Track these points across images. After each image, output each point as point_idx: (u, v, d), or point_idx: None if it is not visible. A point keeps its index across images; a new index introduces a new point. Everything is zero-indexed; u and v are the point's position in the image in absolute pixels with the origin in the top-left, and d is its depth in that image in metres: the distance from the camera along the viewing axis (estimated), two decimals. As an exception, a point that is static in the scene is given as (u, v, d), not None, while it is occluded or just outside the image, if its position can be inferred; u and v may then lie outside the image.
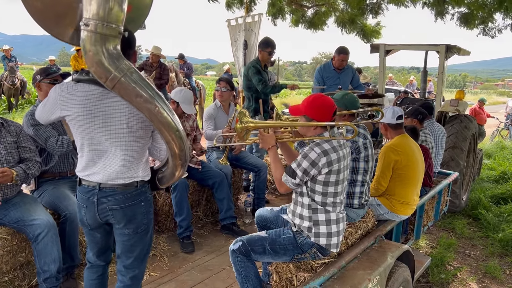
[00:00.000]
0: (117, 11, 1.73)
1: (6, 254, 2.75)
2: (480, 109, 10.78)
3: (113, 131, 2.03)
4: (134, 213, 2.15)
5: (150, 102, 1.86)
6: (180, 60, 11.52)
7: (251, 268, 2.53)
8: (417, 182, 3.34)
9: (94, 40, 1.71)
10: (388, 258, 2.68)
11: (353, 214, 2.93)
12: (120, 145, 2.06)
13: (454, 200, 5.57)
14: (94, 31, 1.70)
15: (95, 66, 1.76)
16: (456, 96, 6.61)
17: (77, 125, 2.05)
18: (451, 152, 5.56)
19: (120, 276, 2.27)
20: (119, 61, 1.79)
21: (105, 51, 1.74)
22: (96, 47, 1.72)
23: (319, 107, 2.36)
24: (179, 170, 2.15)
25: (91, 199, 2.11)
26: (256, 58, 5.21)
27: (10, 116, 11.13)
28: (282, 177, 2.42)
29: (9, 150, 2.78)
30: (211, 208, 4.54)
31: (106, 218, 2.15)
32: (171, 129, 1.95)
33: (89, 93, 2.01)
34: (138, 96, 1.84)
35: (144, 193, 2.19)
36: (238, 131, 2.52)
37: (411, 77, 17.99)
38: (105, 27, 1.71)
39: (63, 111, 2.05)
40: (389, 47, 6.30)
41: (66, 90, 2.03)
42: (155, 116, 1.90)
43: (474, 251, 4.87)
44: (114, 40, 1.77)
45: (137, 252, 2.23)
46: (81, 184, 2.15)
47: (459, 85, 74.59)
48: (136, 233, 2.19)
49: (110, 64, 1.76)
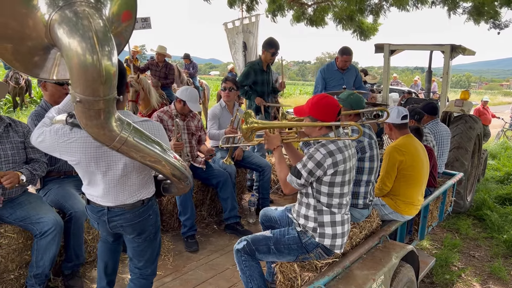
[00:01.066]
0: (109, 82, 1.55)
1: (12, 252, 2.77)
2: (485, 110, 10.73)
3: (117, 172, 2.06)
4: (144, 226, 2.23)
5: (159, 161, 1.93)
6: (186, 60, 11.56)
7: (256, 267, 2.54)
8: (421, 182, 3.33)
9: (88, 116, 1.61)
10: (392, 258, 2.67)
11: (358, 214, 2.93)
12: (125, 180, 2.11)
13: (458, 200, 5.55)
14: (88, 108, 1.57)
15: (95, 136, 1.71)
16: (461, 97, 6.57)
17: (79, 168, 2.09)
18: (455, 152, 5.54)
19: (133, 274, 2.37)
20: (119, 126, 1.72)
21: (103, 121, 1.64)
22: (93, 122, 1.63)
23: (323, 107, 2.36)
24: (183, 189, 2.26)
25: (102, 218, 2.19)
26: (259, 58, 5.22)
27: (15, 116, 11.18)
28: (287, 177, 2.42)
29: (16, 150, 2.80)
30: (215, 207, 4.54)
31: (118, 231, 2.26)
32: (177, 175, 2.07)
33: (87, 142, 1.95)
34: (144, 155, 1.87)
35: (151, 206, 2.25)
36: (243, 132, 2.53)
37: (415, 77, 17.93)
38: (98, 103, 1.56)
39: (63, 156, 2.02)
40: (394, 47, 6.28)
41: (63, 137, 1.95)
42: (161, 170, 2.00)
43: (479, 252, 4.85)
44: (110, 108, 1.64)
45: (147, 256, 2.33)
46: (89, 202, 2.21)
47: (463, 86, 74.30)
48: (145, 240, 2.28)
49: (110, 132, 1.69)
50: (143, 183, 2.18)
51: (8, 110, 12.37)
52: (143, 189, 2.18)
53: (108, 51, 1.50)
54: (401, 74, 45.99)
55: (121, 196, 2.12)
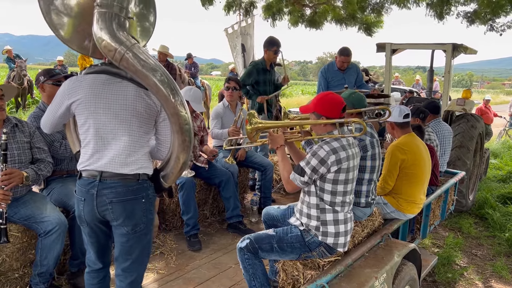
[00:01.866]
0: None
1: (17, 251, 2.79)
2: (487, 109, 10.72)
3: (117, 112, 2.06)
4: (133, 208, 2.11)
5: (156, 73, 1.98)
6: (189, 60, 11.61)
7: (259, 265, 2.55)
8: (423, 181, 3.34)
9: (104, 18, 1.94)
10: (394, 256, 2.68)
11: (360, 212, 2.94)
12: (124, 127, 2.08)
13: (460, 199, 5.55)
14: (104, 10, 1.94)
15: (105, 40, 1.93)
16: (463, 96, 6.58)
17: (83, 108, 2.08)
18: (457, 151, 5.55)
19: (119, 281, 2.23)
20: (127, 37, 1.97)
21: (114, 27, 1.95)
22: (106, 23, 1.94)
23: (328, 103, 2.40)
24: (183, 153, 2.12)
25: (91, 191, 2.08)
26: (262, 58, 5.23)
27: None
28: (290, 175, 2.44)
29: (22, 150, 2.82)
30: (218, 206, 4.56)
31: (104, 213, 2.10)
32: (177, 95, 2.02)
33: (96, 80, 2.09)
34: (144, 68, 1.96)
35: (146, 189, 2.15)
36: (248, 133, 2.56)
37: (416, 76, 17.92)
38: (114, 7, 1.95)
39: (70, 98, 2.09)
40: (395, 47, 6.29)
41: (75, 80, 2.13)
42: (161, 83, 1.99)
43: (481, 251, 4.86)
44: (123, 20, 1.99)
45: (135, 254, 2.19)
46: (81, 177, 2.13)
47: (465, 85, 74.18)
48: (135, 232, 2.14)
49: (118, 38, 1.94)
50: (141, 143, 2.13)
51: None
52: (140, 155, 2.12)
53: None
54: (402, 74, 45.97)
55: (117, 150, 2.06)
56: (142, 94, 2.11)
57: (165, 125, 2.22)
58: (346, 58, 5.38)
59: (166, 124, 2.21)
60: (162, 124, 2.22)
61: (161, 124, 2.22)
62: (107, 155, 2.07)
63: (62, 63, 14.50)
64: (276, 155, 5.62)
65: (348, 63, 5.44)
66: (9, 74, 12.56)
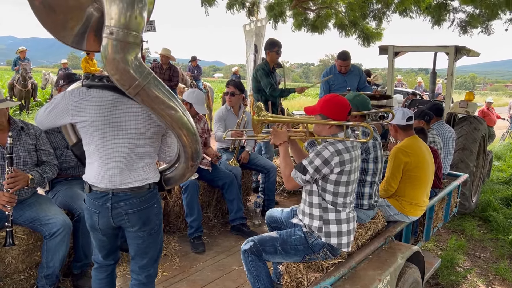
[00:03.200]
0: (139, 19, 1.75)
1: (22, 253, 2.81)
2: (489, 111, 10.69)
3: (128, 136, 2.04)
4: (149, 215, 2.17)
5: (173, 108, 1.90)
6: (193, 63, 11.66)
7: (262, 268, 2.56)
8: (427, 183, 3.35)
9: (119, 48, 1.73)
10: (398, 258, 2.69)
11: (363, 215, 2.95)
12: (134, 149, 2.07)
13: (463, 201, 5.55)
14: (118, 39, 1.71)
15: (119, 74, 1.77)
16: (466, 98, 6.58)
17: (90, 131, 2.03)
18: (460, 153, 5.55)
19: (135, 275, 2.30)
20: (142, 68, 1.80)
21: (130, 59, 1.76)
22: (121, 55, 1.73)
23: (334, 105, 2.40)
24: (190, 172, 2.20)
25: (105, 204, 2.09)
26: (265, 61, 5.25)
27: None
28: (291, 172, 2.44)
29: (27, 153, 2.84)
30: (221, 208, 4.57)
31: (120, 223, 2.14)
32: (190, 133, 2.00)
33: (103, 99, 2.00)
34: (161, 103, 1.87)
35: (156, 194, 2.22)
36: (254, 124, 2.57)
37: (418, 79, 17.90)
38: (128, 36, 1.73)
39: (75, 118, 2.02)
40: (398, 49, 6.30)
41: (79, 96, 2.01)
42: (175, 122, 1.94)
43: (484, 253, 4.85)
44: (137, 47, 1.79)
45: (151, 253, 2.27)
46: (91, 190, 2.12)
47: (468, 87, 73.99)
48: (150, 234, 2.21)
49: (135, 72, 1.78)
50: (150, 159, 2.14)
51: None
52: (149, 169, 2.14)
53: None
54: (405, 76, 45.87)
55: (127, 171, 2.06)
56: (150, 115, 2.07)
57: (171, 138, 2.25)
58: (344, 63, 5.36)
59: (172, 137, 2.24)
60: (169, 138, 2.25)
61: (168, 138, 2.25)
62: (114, 174, 2.07)
63: (67, 65, 14.57)
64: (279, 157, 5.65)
65: (346, 67, 5.41)
66: (14, 76, 12.61)
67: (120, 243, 2.40)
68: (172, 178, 2.31)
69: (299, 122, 2.76)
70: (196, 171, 3.98)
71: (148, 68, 1.85)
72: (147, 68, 1.84)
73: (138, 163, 2.10)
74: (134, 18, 1.72)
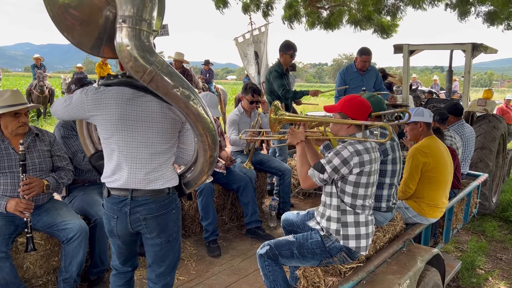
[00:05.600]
0: (150, 8, 1.81)
1: (40, 258, 2.83)
2: (508, 108, 10.47)
3: (144, 131, 2.04)
4: (167, 221, 2.15)
5: (187, 94, 1.90)
6: (205, 66, 11.72)
7: (279, 272, 2.53)
8: (446, 184, 3.27)
9: (131, 35, 1.77)
10: (417, 262, 2.63)
11: (381, 217, 2.90)
12: (150, 145, 2.06)
13: (483, 202, 5.43)
14: (131, 26, 1.76)
15: (132, 61, 1.79)
16: (484, 96, 6.45)
17: (107, 125, 2.03)
18: (479, 152, 5.43)
19: (151, 283, 2.28)
20: (154, 55, 1.84)
21: (142, 46, 1.79)
22: (133, 42, 1.77)
23: (356, 105, 2.39)
24: (209, 167, 2.15)
25: (124, 209, 2.09)
26: (278, 62, 5.22)
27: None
28: (308, 171, 2.42)
29: (42, 159, 2.87)
30: (236, 212, 4.56)
31: (138, 228, 2.13)
32: (205, 121, 1.97)
33: (121, 94, 2.02)
34: (175, 88, 1.87)
35: (175, 200, 2.20)
36: (271, 122, 2.56)
37: (434, 77, 17.65)
38: (141, 23, 1.78)
39: (92, 111, 2.03)
40: (413, 47, 6.20)
41: (96, 92, 2.03)
42: (190, 109, 1.92)
43: (506, 254, 4.73)
44: (149, 35, 1.83)
45: (169, 261, 2.25)
46: (110, 194, 2.13)
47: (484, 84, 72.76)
48: (168, 241, 2.19)
49: (147, 58, 1.80)
50: (167, 158, 2.13)
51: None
52: (166, 169, 2.12)
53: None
54: (420, 74, 45.32)
55: (143, 168, 2.05)
56: (166, 110, 2.08)
57: (188, 135, 2.24)
58: (367, 58, 5.33)
59: (189, 134, 2.23)
60: (186, 134, 2.23)
61: (185, 134, 2.23)
62: (133, 172, 2.06)
63: (81, 70, 14.79)
64: (294, 159, 5.62)
65: (369, 63, 5.38)
66: (32, 83, 12.84)
67: (138, 248, 2.40)
68: (192, 179, 2.26)
69: (316, 121, 2.75)
70: (212, 173, 4.00)
71: (160, 57, 1.87)
72: (160, 57, 1.86)
73: (155, 160, 2.08)
74: (145, 6, 1.78)
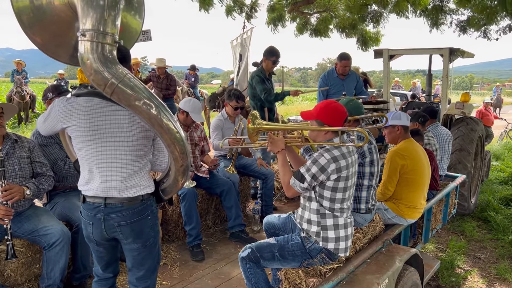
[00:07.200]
0: (112, 19, 1.82)
1: (21, 266, 2.81)
2: (487, 111, 10.72)
3: (114, 141, 2.06)
4: (142, 227, 2.16)
5: (149, 105, 1.91)
6: (191, 71, 11.70)
7: (261, 274, 2.56)
8: (423, 186, 3.36)
9: (92, 49, 1.79)
10: (396, 262, 2.69)
11: (360, 219, 2.96)
12: (121, 154, 2.08)
13: (462, 202, 5.55)
14: (91, 40, 1.78)
15: (93, 74, 1.81)
16: (461, 99, 6.61)
17: (78, 136, 2.06)
18: (458, 154, 5.56)
19: (133, 286, 2.29)
20: (116, 67, 1.85)
21: (102, 59, 1.81)
22: (93, 55, 1.79)
23: (332, 112, 2.41)
24: (181, 175, 2.15)
25: (98, 216, 2.11)
26: (260, 67, 5.27)
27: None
28: (290, 180, 2.46)
29: (22, 165, 2.86)
30: (220, 216, 4.58)
31: (114, 234, 2.15)
32: (171, 132, 1.98)
33: (90, 105, 2.04)
34: (136, 100, 1.88)
35: (150, 206, 2.20)
36: (249, 132, 2.56)
37: (415, 79, 17.96)
38: (101, 36, 1.80)
39: (64, 123, 2.07)
40: (393, 52, 6.33)
41: (67, 103, 2.07)
42: (155, 119, 1.94)
43: (484, 254, 4.85)
44: (110, 48, 1.84)
45: (148, 264, 2.26)
46: (85, 201, 2.15)
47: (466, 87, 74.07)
48: (145, 246, 2.20)
49: (107, 71, 1.82)
50: (141, 166, 2.14)
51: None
52: (140, 177, 2.13)
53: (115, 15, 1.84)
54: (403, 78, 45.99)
55: (117, 177, 2.07)
56: (136, 119, 2.08)
57: (161, 143, 2.23)
58: (347, 62, 5.40)
59: (162, 143, 2.22)
60: (160, 142, 2.24)
61: (159, 142, 2.25)
62: (106, 181, 2.08)
63: (63, 76, 14.62)
64: (276, 163, 5.66)
65: (349, 67, 5.46)
66: (12, 89, 12.65)
67: (119, 254, 2.40)
68: (168, 187, 2.28)
69: (294, 130, 2.76)
70: (193, 178, 4.02)
71: (123, 68, 1.89)
72: (122, 68, 1.88)
73: (128, 168, 2.10)
74: (104, 19, 1.79)
